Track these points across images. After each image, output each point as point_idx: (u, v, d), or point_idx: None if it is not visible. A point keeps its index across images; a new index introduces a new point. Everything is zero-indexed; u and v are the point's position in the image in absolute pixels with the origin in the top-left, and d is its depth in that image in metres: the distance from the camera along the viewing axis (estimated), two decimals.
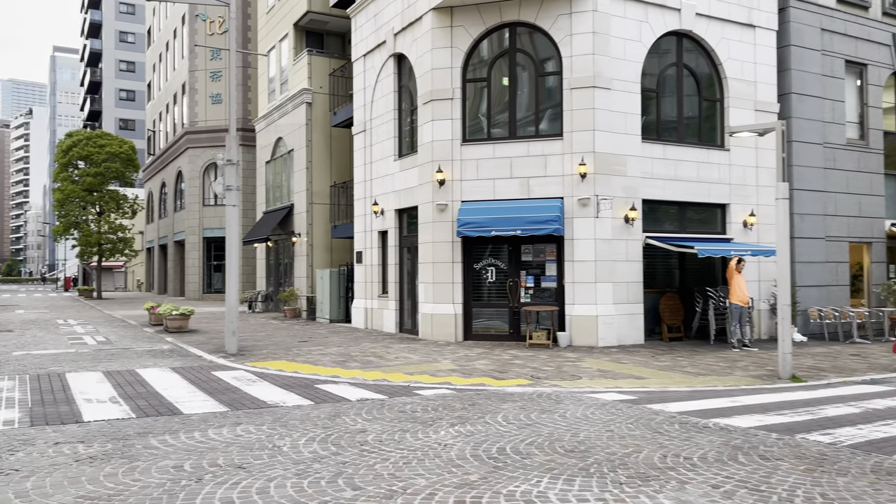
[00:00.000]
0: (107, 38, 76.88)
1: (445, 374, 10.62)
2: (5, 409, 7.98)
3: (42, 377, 10.33)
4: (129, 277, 64.81)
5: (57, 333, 17.69)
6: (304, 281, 21.95)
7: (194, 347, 14.11)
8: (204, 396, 8.81)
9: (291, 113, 22.82)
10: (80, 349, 14.07)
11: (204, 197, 37.39)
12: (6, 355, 13.05)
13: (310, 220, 21.69)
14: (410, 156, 16.19)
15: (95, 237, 38.37)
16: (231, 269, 13.30)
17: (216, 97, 37.04)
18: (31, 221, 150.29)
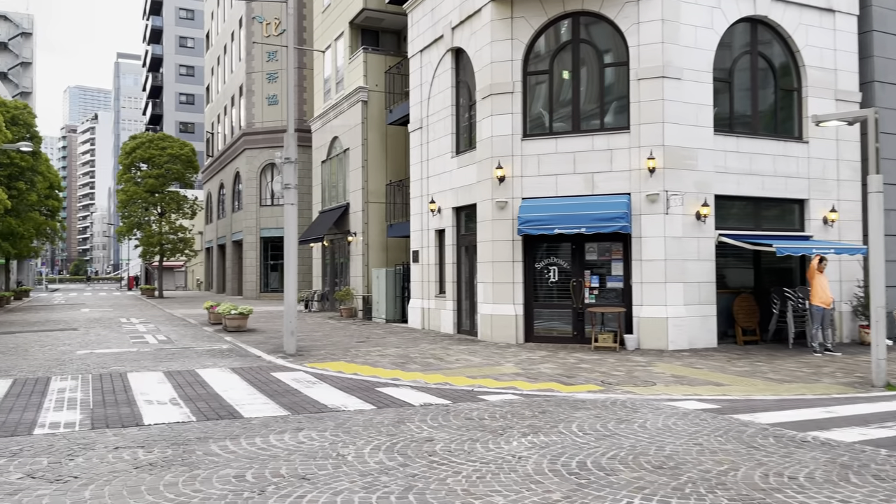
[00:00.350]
0: (167, 43, 78.91)
1: (510, 378, 10.17)
2: (67, 410, 7.89)
3: (104, 377, 10.30)
4: (189, 277, 66.32)
5: (120, 332, 17.92)
6: (359, 280, 21.79)
7: (253, 347, 14.01)
8: (264, 399, 8.57)
9: (347, 112, 22.69)
10: (141, 348, 14.14)
11: (261, 197, 37.79)
12: (70, 354, 13.18)
13: (365, 220, 21.51)
14: (468, 152, 15.77)
15: (157, 237, 39.23)
16: (289, 269, 13.12)
17: (272, 98, 37.38)
18: (97, 223, 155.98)
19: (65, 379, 10.10)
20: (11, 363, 11.89)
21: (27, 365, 11.64)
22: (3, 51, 79.72)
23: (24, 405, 8.15)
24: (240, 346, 14.30)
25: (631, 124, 13.60)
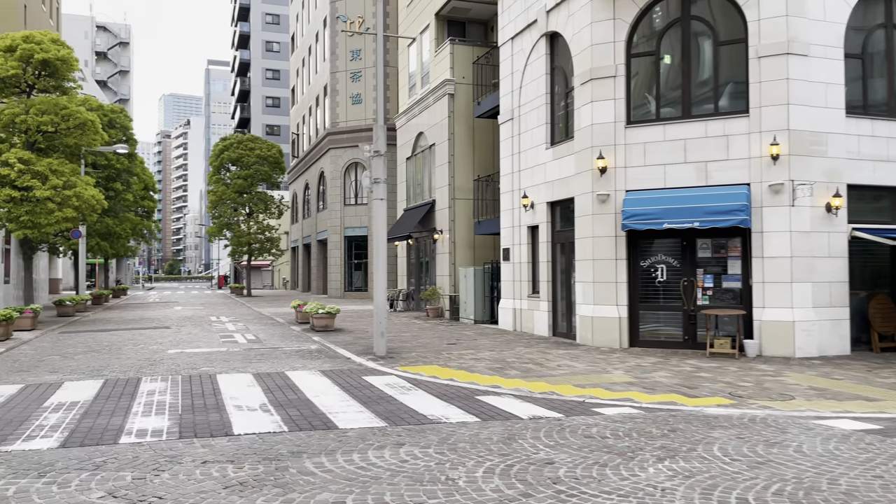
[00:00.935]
0: (254, 48, 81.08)
1: (622, 387, 9.17)
2: (155, 415, 7.47)
3: (193, 378, 9.95)
4: (276, 276, 67.78)
5: (210, 331, 17.90)
6: (446, 279, 21.12)
7: (342, 348, 13.51)
8: (358, 407, 7.93)
9: (433, 106, 22.08)
10: (230, 348, 13.89)
11: (345, 196, 37.84)
12: (161, 353, 13.04)
13: (452, 217, 20.83)
14: (565, 143, 14.79)
15: (245, 237, 39.96)
16: (378, 267, 12.53)
17: (356, 97, 37.34)
18: (189, 224, 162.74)
19: (154, 380, 9.81)
20: (104, 362, 11.80)
21: (119, 364, 11.50)
22: (103, 60, 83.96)
23: (113, 409, 7.81)
24: (328, 347, 13.84)
25: (750, 107, 12.28)
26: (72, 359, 12.29)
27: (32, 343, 15.10)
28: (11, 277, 26.91)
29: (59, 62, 20.53)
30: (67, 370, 10.88)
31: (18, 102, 20.04)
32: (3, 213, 19.43)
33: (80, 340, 15.48)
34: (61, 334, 17.16)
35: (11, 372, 10.71)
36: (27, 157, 19.46)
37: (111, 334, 16.95)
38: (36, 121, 19.74)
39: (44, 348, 14.03)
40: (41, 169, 19.52)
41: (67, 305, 23.57)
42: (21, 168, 19.15)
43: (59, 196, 19.84)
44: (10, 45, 20.08)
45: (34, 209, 19.39)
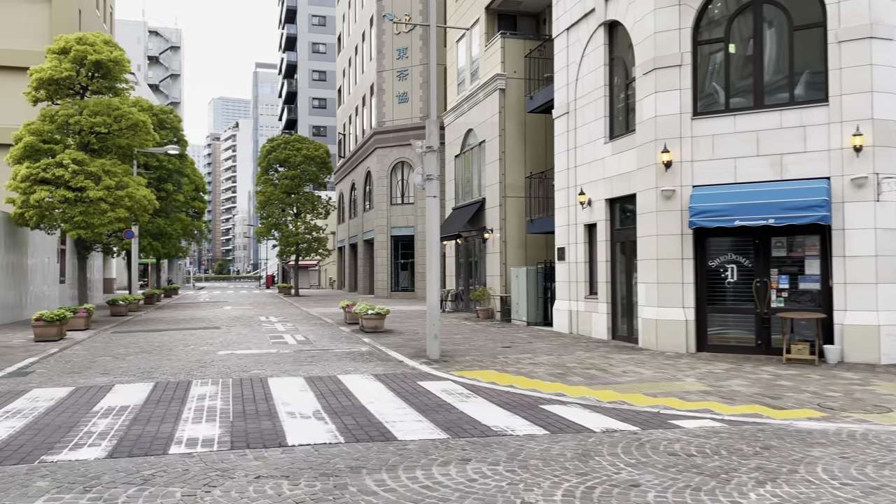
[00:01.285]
0: (301, 50, 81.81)
1: (698, 397, 8.50)
2: (206, 422, 7.14)
3: (244, 382, 9.64)
4: (323, 275, 68.16)
5: (259, 331, 17.73)
6: (496, 280, 20.57)
7: (393, 350, 13.10)
8: (416, 415, 7.47)
9: (483, 102, 21.56)
10: (281, 349, 13.62)
11: (391, 196, 37.62)
12: (212, 355, 12.83)
13: (503, 215, 20.27)
14: (625, 136, 14.10)
15: (293, 238, 40.10)
16: (431, 267, 12.07)
17: (403, 96, 37.07)
18: (238, 224, 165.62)
19: (205, 384, 9.53)
20: (155, 364, 11.62)
21: (170, 367, 11.29)
22: (155, 64, 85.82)
23: (163, 414, 7.51)
24: (379, 349, 13.45)
25: (830, 96, 11.43)
26: (123, 360, 12.16)
27: (85, 343, 15.11)
28: (67, 277, 27.38)
29: (112, 63, 20.69)
30: (118, 372, 10.71)
31: (72, 104, 20.25)
32: (58, 213, 19.66)
33: (131, 341, 15.44)
34: (114, 334, 17.20)
35: (63, 373, 10.59)
36: (81, 157, 19.63)
37: (162, 334, 16.91)
38: (89, 122, 19.90)
39: (96, 349, 13.99)
40: (94, 169, 19.67)
41: (120, 305, 23.80)
42: (75, 169, 19.32)
43: (112, 196, 19.97)
44: (63, 46, 20.31)
45: (88, 209, 19.55)
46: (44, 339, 15.00)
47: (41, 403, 8.11)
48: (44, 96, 20.68)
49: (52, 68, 20.00)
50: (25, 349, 13.53)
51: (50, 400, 8.33)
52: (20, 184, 19.29)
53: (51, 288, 24.97)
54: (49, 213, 19.57)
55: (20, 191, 19.36)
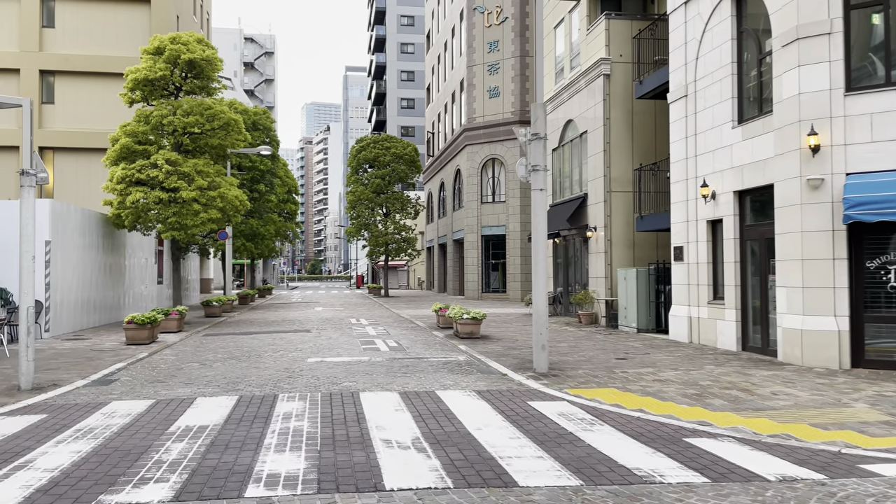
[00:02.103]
0: (390, 50, 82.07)
1: (882, 430, 6.83)
2: (290, 451, 6.13)
3: (334, 397, 8.66)
4: (411, 275, 67.94)
5: (350, 335, 16.92)
6: (601, 282, 18.99)
7: (494, 361, 11.88)
8: (534, 448, 6.21)
9: (584, 90, 20.02)
10: (373, 357, 12.66)
11: (482, 194, 36.48)
12: (301, 362, 12.01)
13: (607, 212, 18.67)
14: (759, 119, 12.32)
15: (383, 238, 39.64)
16: (538, 268, 10.77)
17: (493, 91, 35.87)
18: (329, 225, 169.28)
19: (292, 398, 8.61)
20: (242, 373, 10.86)
21: (256, 376, 10.50)
22: (250, 70, 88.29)
23: (243, 439, 6.58)
24: (478, 359, 12.26)
25: None
26: (210, 367, 11.51)
27: (175, 347, 14.69)
28: (164, 278, 27.74)
29: (205, 62, 20.50)
30: (203, 382, 9.99)
31: (166, 104, 20.17)
32: (153, 214, 19.60)
33: (221, 345, 14.92)
34: (205, 337, 16.82)
35: (147, 383, 9.97)
36: (174, 158, 19.50)
37: (252, 338, 16.37)
38: (182, 122, 19.75)
39: (185, 353, 13.49)
40: (187, 170, 19.49)
41: (214, 306, 23.73)
42: (168, 169, 19.19)
43: (204, 197, 19.74)
44: (158, 46, 20.27)
45: (181, 210, 19.39)
46: (135, 343, 14.69)
47: (116, 420, 7.38)
48: (139, 97, 20.73)
49: (147, 68, 19.98)
50: (115, 353, 13.17)
51: (126, 416, 7.60)
52: (116, 185, 19.34)
53: (149, 288, 25.26)
54: (144, 214, 19.53)
55: (116, 192, 19.41)
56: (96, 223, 19.77)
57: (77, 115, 29.09)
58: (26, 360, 9.17)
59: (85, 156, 28.84)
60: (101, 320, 20.02)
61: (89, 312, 19.07)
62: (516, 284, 34.60)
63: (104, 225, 20.32)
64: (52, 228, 16.51)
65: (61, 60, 28.91)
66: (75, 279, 18.02)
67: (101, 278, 20.00)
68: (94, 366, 11.46)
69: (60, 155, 29.42)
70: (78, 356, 12.75)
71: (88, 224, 19.16)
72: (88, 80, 29.17)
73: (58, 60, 28.90)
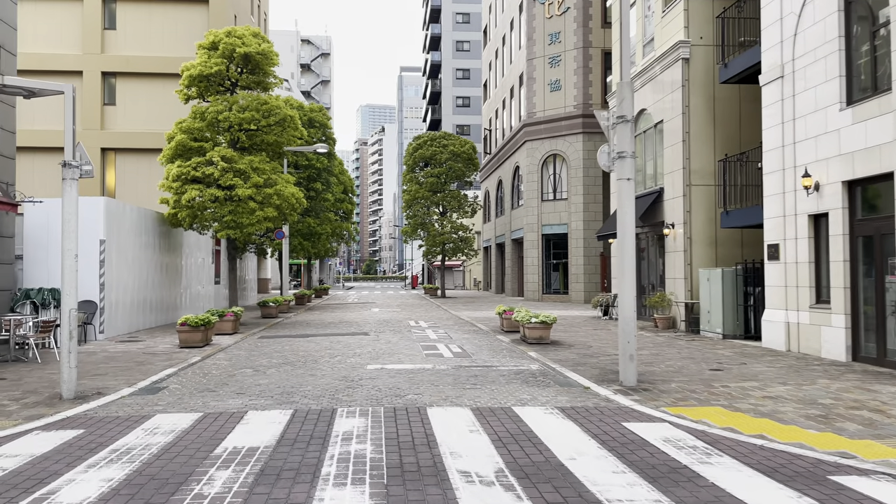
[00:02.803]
0: (445, 49, 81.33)
1: None
2: (352, 484, 5.15)
3: (399, 413, 7.67)
4: (467, 276, 66.93)
5: (410, 339, 15.99)
6: (679, 283, 17.56)
7: (570, 370, 10.73)
8: (646, 489, 5.07)
9: (659, 77, 18.60)
10: (437, 364, 11.66)
11: (542, 192, 35.15)
12: (360, 370, 11.09)
13: (687, 207, 17.22)
14: (875, 98, 10.81)
15: (440, 237, 38.74)
16: (624, 267, 9.57)
17: (554, 84, 34.54)
18: (384, 226, 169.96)
19: (352, 413, 7.67)
20: (297, 381, 10.01)
21: (313, 386, 9.62)
22: (307, 71, 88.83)
23: (297, 466, 5.65)
24: (553, 368, 11.12)
25: None
26: (264, 374, 10.71)
27: (229, 350, 14.02)
28: (221, 277, 27.43)
29: (260, 56, 19.91)
30: (255, 391, 9.17)
31: (222, 100, 19.66)
32: (209, 213, 19.09)
33: (276, 349, 14.18)
34: (260, 339, 16.15)
35: (196, 392, 9.20)
36: (230, 154, 18.96)
37: (309, 341, 15.60)
38: (238, 118, 19.19)
39: (238, 358, 12.77)
40: (243, 167, 18.92)
41: (270, 307, 23.20)
42: (224, 166, 18.65)
43: (260, 195, 19.15)
44: (213, 41, 19.78)
45: (236, 209, 18.83)
46: (188, 346, 14.08)
47: (157, 439, 6.56)
48: (195, 94, 20.29)
49: (202, 64, 19.50)
50: (167, 357, 12.54)
51: (169, 433, 6.77)
52: (172, 183, 18.91)
53: (206, 288, 24.93)
54: (200, 212, 19.05)
55: (172, 190, 18.98)
56: (152, 222, 19.40)
57: (138, 116, 29.11)
58: (68, 366, 8.50)
59: (146, 157, 28.81)
60: (158, 321, 19.65)
61: (145, 313, 18.69)
62: (579, 286, 33.18)
63: (161, 224, 19.95)
64: (106, 227, 16.11)
65: (123, 62, 28.98)
66: (131, 279, 17.63)
67: (157, 278, 19.63)
68: (143, 371, 10.81)
69: (122, 156, 29.51)
70: (129, 360, 12.15)
71: (145, 223, 18.78)
72: (148, 81, 29.16)
73: (119, 62, 28.98)
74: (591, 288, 33.13)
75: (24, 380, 10.02)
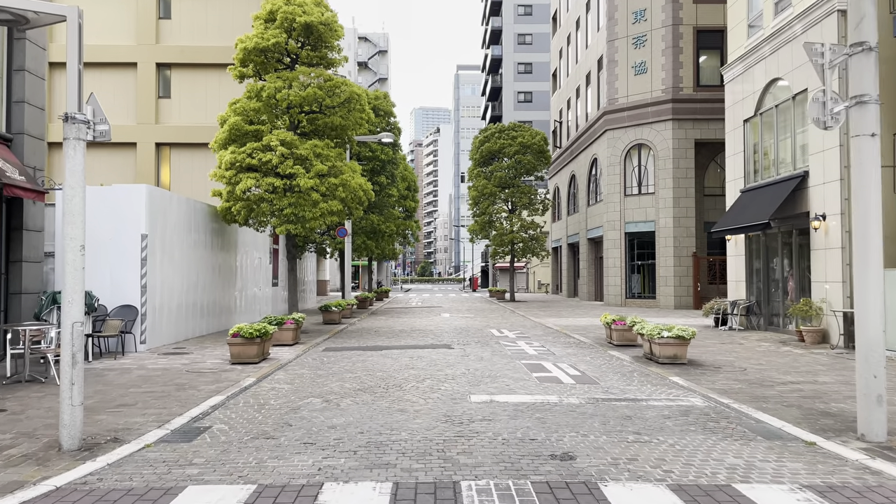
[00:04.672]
0: (506, 42, 78.36)
1: None
2: None
3: (559, 491, 4.83)
4: (531, 278, 63.74)
5: (504, 354, 13.15)
6: (835, 288, 14.23)
7: (755, 409, 7.72)
8: None
9: (800, 37, 15.31)
10: (562, 396, 8.77)
11: (625, 185, 31.87)
12: (462, 402, 8.30)
13: (845, 194, 13.90)
14: None
15: (509, 236, 35.82)
16: (870, 262, 6.56)
17: (640, 66, 31.26)
18: (440, 227, 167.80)
19: (485, 492, 4.88)
20: (385, 422, 7.28)
21: (408, 431, 6.86)
22: (364, 70, 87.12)
23: None
24: (725, 405, 8.11)
25: None
26: (337, 407, 8.04)
27: (290, 368, 11.46)
28: (280, 279, 25.17)
29: (323, 27, 17.42)
30: (330, 441, 6.47)
31: (280, 77, 17.24)
32: (266, 206, 16.68)
33: (346, 366, 11.55)
34: (325, 353, 13.59)
35: (248, 439, 6.57)
36: (290, 139, 16.51)
37: (383, 356, 12.95)
38: (299, 96, 16.73)
39: (303, 380, 10.17)
40: (304, 153, 16.45)
41: (333, 311, 20.76)
42: (283, 152, 16.21)
43: (325, 185, 16.66)
44: (270, 10, 17.38)
45: (298, 201, 16.38)
46: (241, 361, 11.59)
47: None
48: (250, 71, 17.94)
49: (258, 35, 17.12)
50: (215, 377, 10.04)
51: None
52: (225, 172, 16.58)
53: (263, 290, 22.68)
54: (256, 205, 16.68)
55: (225, 180, 16.66)
56: (204, 216, 17.13)
57: (193, 109, 27.13)
58: (70, 405, 5.98)
59: (202, 152, 26.81)
60: (210, 327, 17.35)
61: (195, 318, 16.39)
62: (668, 289, 29.80)
63: (213, 219, 17.68)
64: (149, 220, 13.81)
65: (178, 53, 27.03)
66: (178, 280, 15.33)
67: (209, 279, 17.34)
68: (182, 400, 8.28)
69: (177, 151, 27.58)
70: (167, 381, 9.69)
71: (195, 217, 16.51)
72: (204, 73, 27.12)
73: (174, 53, 27.05)
74: (683, 292, 29.72)
75: (27, 412, 7.61)
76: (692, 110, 29.69)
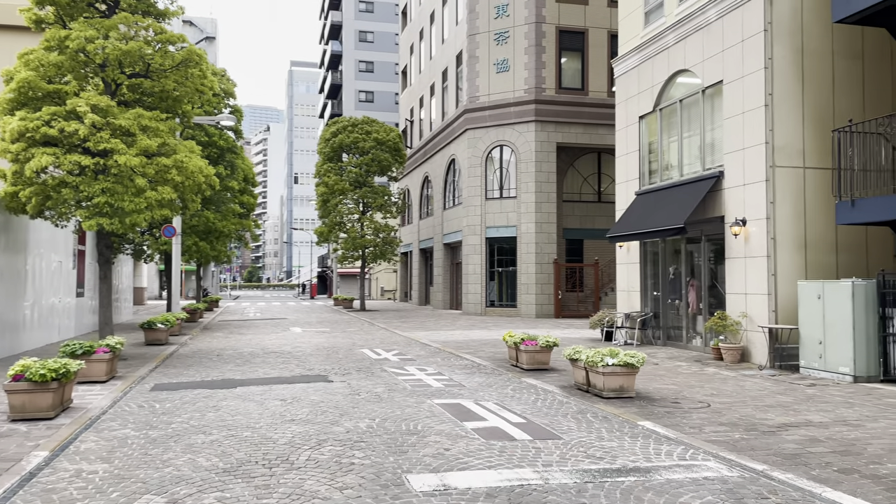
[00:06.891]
0: (346, 39, 75.11)
1: None
2: None
3: None
4: (373, 285, 60.85)
5: (402, 390, 10.25)
6: (757, 301, 12.92)
7: (813, 482, 5.58)
8: None
9: (715, 23, 13.99)
10: (535, 467, 6.06)
11: (486, 189, 30.12)
12: (402, 494, 5.28)
13: (770, 197, 12.62)
14: None
15: (360, 240, 32.79)
16: None
17: (502, 64, 29.70)
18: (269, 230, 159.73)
19: None
20: None
21: None
22: None
23: None
24: (764, 474, 5.89)
25: None
26: None
27: (105, 425, 7.74)
28: (87, 288, 20.28)
29: None
30: None
31: (93, 24, 13.06)
32: (69, 192, 12.42)
33: (192, 420, 8.05)
34: (155, 392, 9.88)
35: None
36: (105, 104, 12.43)
37: (242, 398, 9.52)
38: (118, 49, 12.69)
39: (128, 451, 6.62)
40: (125, 123, 12.46)
41: (159, 329, 16.61)
42: (95, 121, 12.12)
43: (154, 166, 12.77)
44: None
45: (114, 186, 12.35)
46: (27, 417, 7.71)
47: None
48: (51, 16, 13.58)
49: None
50: None
51: None
52: (10, 145, 12.16)
53: (64, 301, 17.89)
54: (56, 191, 12.42)
55: (10, 156, 12.23)
56: None
57: None
58: None
59: None
60: None
61: None
62: (530, 297, 28.42)
63: None
64: None
65: None
66: None
67: None
68: None
69: None
70: None
71: None
72: None
73: None
74: (544, 300, 28.49)
75: None
76: (555, 112, 28.61)
